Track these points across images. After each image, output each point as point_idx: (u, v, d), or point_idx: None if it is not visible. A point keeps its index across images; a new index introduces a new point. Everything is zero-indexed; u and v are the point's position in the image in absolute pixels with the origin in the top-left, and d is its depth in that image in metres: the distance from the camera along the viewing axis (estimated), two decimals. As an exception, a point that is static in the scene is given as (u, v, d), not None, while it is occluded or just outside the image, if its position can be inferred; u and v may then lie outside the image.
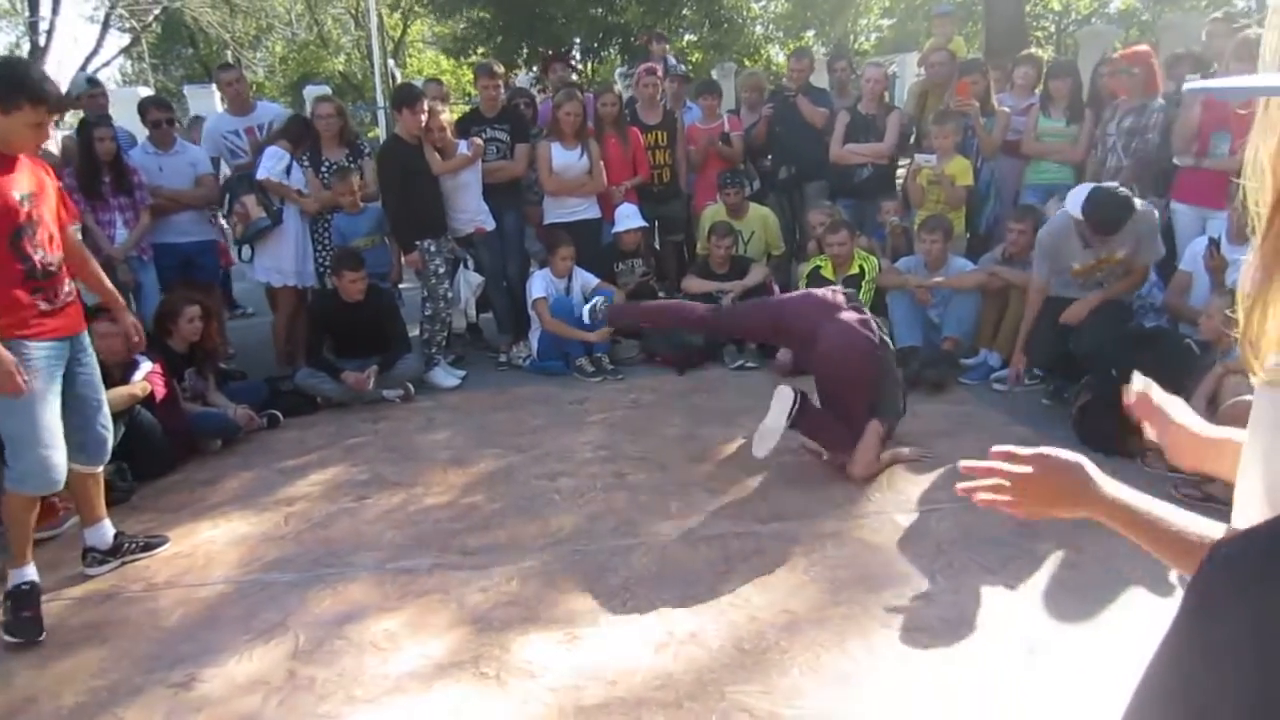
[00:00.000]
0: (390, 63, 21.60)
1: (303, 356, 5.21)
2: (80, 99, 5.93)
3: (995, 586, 2.79)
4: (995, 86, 5.84)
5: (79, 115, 6.05)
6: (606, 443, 4.22)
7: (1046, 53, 16.35)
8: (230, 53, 22.95)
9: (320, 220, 5.45)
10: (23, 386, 2.63)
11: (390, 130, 6.05)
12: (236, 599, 2.93)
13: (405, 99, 5.30)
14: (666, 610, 2.72)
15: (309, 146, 5.48)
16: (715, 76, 13.05)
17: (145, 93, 11.85)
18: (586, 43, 18.23)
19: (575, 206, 5.77)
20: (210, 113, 8.24)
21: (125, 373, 3.94)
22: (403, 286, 6.14)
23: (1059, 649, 2.44)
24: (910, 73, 12.81)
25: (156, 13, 23.65)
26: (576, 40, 18.20)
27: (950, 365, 4.96)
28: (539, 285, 5.41)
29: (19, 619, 2.73)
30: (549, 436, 4.34)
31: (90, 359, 3.01)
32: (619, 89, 6.43)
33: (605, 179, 5.78)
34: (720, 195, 5.90)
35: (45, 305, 2.78)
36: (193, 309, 4.44)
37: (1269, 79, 0.72)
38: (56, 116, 2.79)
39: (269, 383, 5.12)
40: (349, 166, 5.41)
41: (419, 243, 5.25)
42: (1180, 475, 3.09)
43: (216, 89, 9.54)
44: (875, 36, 22.44)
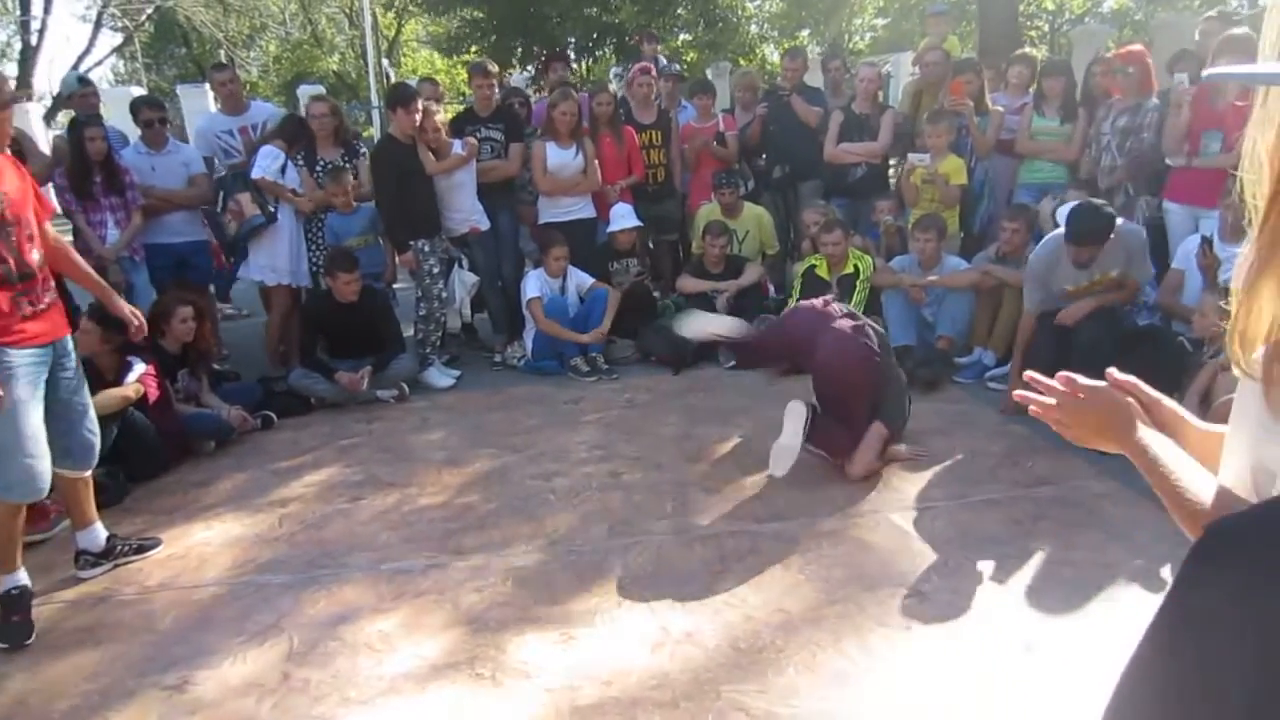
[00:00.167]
0: (384, 62, 21.57)
1: (296, 357, 5.20)
2: (72, 98, 5.91)
3: (991, 585, 2.79)
4: (989, 86, 5.84)
5: (70, 115, 6.03)
6: (602, 442, 4.22)
7: (1040, 52, 16.38)
8: (224, 52, 22.91)
9: (314, 220, 5.43)
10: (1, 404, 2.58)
11: (385, 130, 6.03)
12: (230, 601, 2.92)
13: (399, 99, 5.29)
14: (662, 610, 2.72)
15: (304, 146, 5.46)
16: (710, 76, 13.07)
17: (138, 92, 11.81)
18: (581, 42, 18.22)
19: (570, 206, 5.76)
20: (203, 112, 8.22)
21: (119, 374, 3.93)
22: (397, 286, 6.12)
23: (1055, 646, 2.44)
24: (904, 72, 12.82)
25: (149, 12, 23.60)
26: (571, 40, 18.19)
27: (944, 364, 4.96)
28: (533, 285, 5.41)
29: (9, 623, 2.73)
30: (544, 436, 4.34)
31: (74, 363, 2.95)
32: (614, 88, 6.42)
33: (600, 178, 5.78)
34: (715, 195, 5.90)
35: (29, 308, 2.72)
36: (185, 309, 4.43)
37: None
38: (6, 113, 2.70)
39: (262, 383, 5.11)
40: (342, 166, 5.39)
41: (413, 243, 5.23)
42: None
43: (210, 89, 9.54)
44: (870, 36, 22.47)
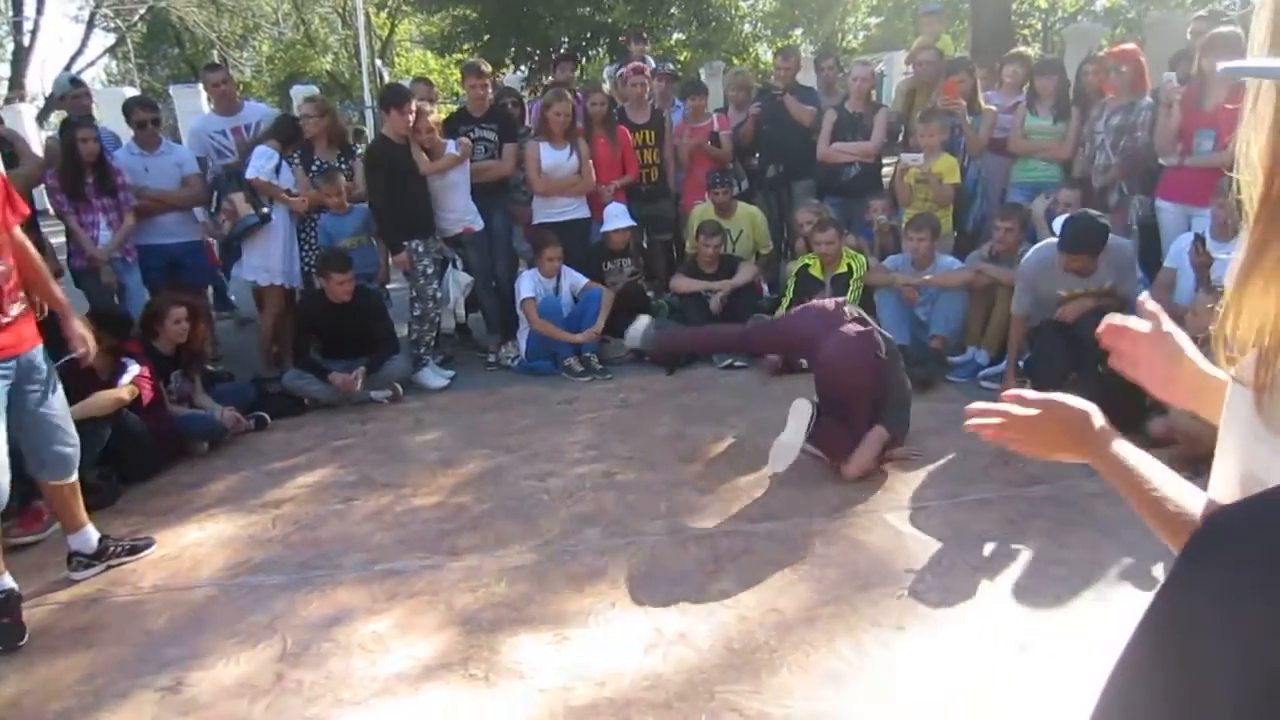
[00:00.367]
0: (378, 62, 21.53)
1: (290, 358, 5.19)
2: (64, 99, 5.89)
3: (984, 584, 2.80)
4: (982, 85, 5.86)
5: (63, 115, 6.01)
6: (595, 442, 4.22)
7: (1033, 51, 16.41)
8: (216, 52, 22.87)
9: (307, 220, 5.42)
10: None
11: (378, 130, 6.03)
12: (223, 602, 2.91)
13: (393, 99, 5.28)
14: (656, 610, 2.72)
15: (300, 146, 5.45)
16: (703, 75, 13.10)
17: (131, 93, 11.79)
18: (574, 42, 18.22)
19: (564, 206, 5.76)
20: (196, 113, 8.20)
21: (112, 375, 3.92)
22: (391, 287, 6.12)
23: (1048, 645, 2.45)
24: (897, 71, 12.88)
25: (142, 12, 23.54)
26: (564, 39, 18.19)
27: (938, 363, 4.97)
28: (527, 285, 5.40)
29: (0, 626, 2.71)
30: (538, 436, 4.33)
31: (43, 375, 2.82)
32: (607, 88, 6.41)
33: (594, 179, 5.78)
34: (709, 194, 5.90)
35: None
36: (179, 310, 4.41)
37: None
38: None
39: (256, 384, 5.10)
40: (335, 167, 5.38)
41: (407, 243, 5.23)
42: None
43: (203, 89, 9.52)
44: (863, 35, 22.52)
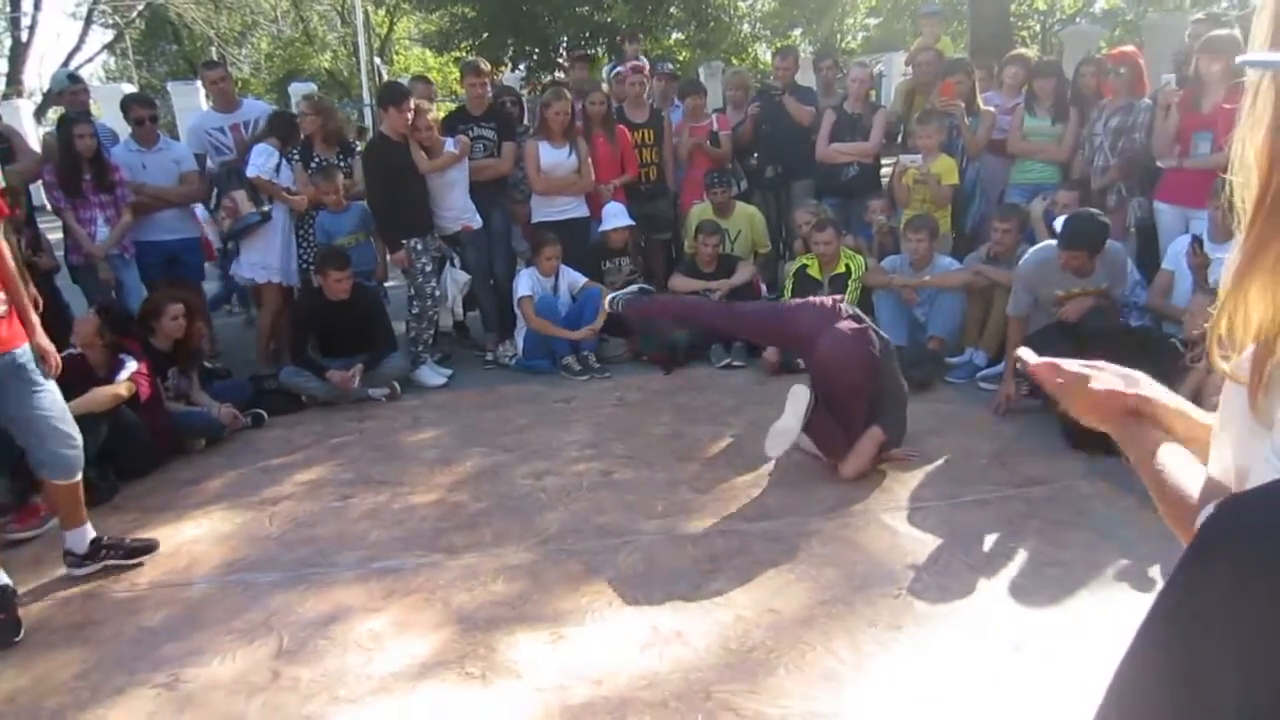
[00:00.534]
0: (376, 60, 21.52)
1: (288, 355, 5.18)
2: (62, 95, 5.88)
3: (981, 584, 2.80)
4: (981, 86, 5.86)
5: (60, 112, 6.00)
6: (593, 441, 4.22)
7: (1032, 52, 16.44)
8: (215, 49, 22.83)
9: (305, 218, 5.42)
10: None
11: (376, 128, 6.02)
12: (220, 599, 2.91)
13: (391, 97, 5.27)
14: (652, 609, 2.72)
15: (299, 143, 5.45)
16: (702, 75, 13.10)
17: (129, 89, 11.78)
18: (573, 41, 18.21)
19: (564, 205, 5.76)
20: (194, 110, 8.18)
21: (110, 371, 3.92)
22: (389, 284, 6.11)
23: (1044, 646, 2.45)
24: (896, 72, 12.89)
25: (140, 8, 23.50)
26: (563, 38, 18.18)
27: (936, 364, 4.97)
28: (525, 284, 5.40)
29: None
30: (535, 435, 4.33)
31: (29, 374, 2.76)
32: (606, 87, 6.41)
33: (594, 178, 5.77)
34: (707, 194, 5.90)
35: None
36: (176, 307, 4.41)
37: None
38: None
39: (253, 381, 5.09)
40: (334, 164, 5.38)
41: (405, 241, 5.22)
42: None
43: (201, 86, 9.51)
44: (862, 35, 22.53)
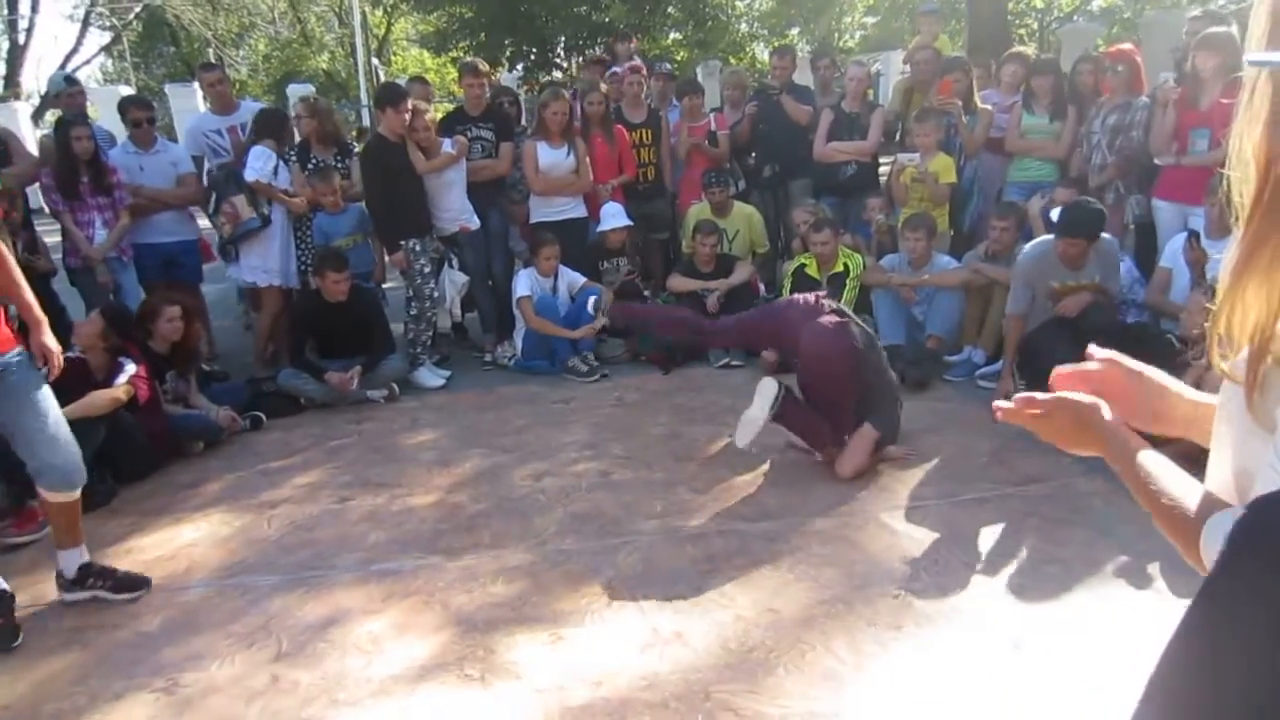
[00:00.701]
0: (374, 61, 21.51)
1: (286, 357, 5.18)
2: (59, 98, 5.88)
3: (980, 583, 2.80)
4: (979, 84, 5.86)
5: (57, 114, 5.99)
6: (592, 442, 4.21)
7: (1030, 50, 16.44)
8: (212, 51, 22.83)
9: (302, 220, 5.42)
10: None
11: (374, 129, 6.03)
12: (218, 602, 2.90)
13: (389, 98, 5.27)
14: (652, 610, 2.72)
15: (292, 139, 5.45)
16: (700, 75, 13.09)
17: (126, 91, 11.78)
18: (570, 41, 18.20)
19: (562, 206, 5.75)
20: (192, 112, 8.17)
21: (109, 374, 3.91)
22: (387, 286, 6.11)
23: (1043, 644, 2.45)
24: (894, 70, 12.89)
25: (137, 10, 23.50)
26: (561, 38, 18.17)
27: (934, 363, 4.97)
28: (523, 284, 5.40)
29: None
30: (534, 436, 4.33)
31: (19, 380, 2.65)
32: (604, 88, 6.41)
33: (592, 178, 5.77)
34: (705, 194, 5.89)
35: None
36: (172, 309, 4.39)
37: None
38: None
39: (251, 384, 5.09)
40: (331, 166, 5.37)
41: (404, 242, 5.22)
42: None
43: (199, 88, 9.50)
44: (859, 34, 22.51)
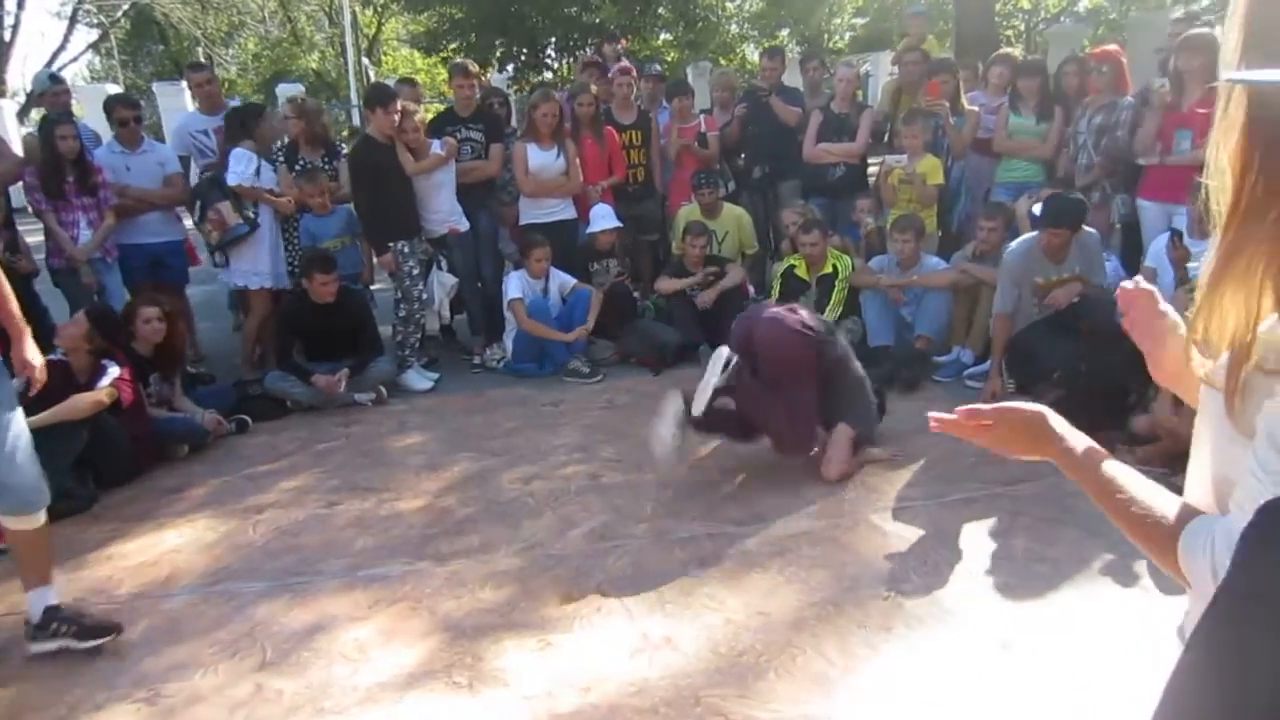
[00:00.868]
0: (365, 61, 21.44)
1: (273, 360, 5.14)
2: (44, 96, 5.82)
3: (969, 583, 2.80)
4: (966, 85, 5.87)
5: (42, 113, 5.94)
6: (581, 445, 4.19)
7: (1016, 51, 16.52)
8: (201, 50, 22.71)
9: (290, 221, 5.38)
10: None
11: (362, 129, 5.99)
12: (202, 610, 2.87)
13: (378, 99, 5.24)
14: (641, 615, 2.70)
15: (284, 144, 5.41)
16: (690, 76, 13.09)
17: (113, 90, 11.68)
18: (561, 42, 18.19)
19: (552, 207, 5.73)
20: (180, 111, 8.11)
21: (92, 377, 3.87)
22: (375, 288, 6.07)
23: (1032, 644, 2.45)
24: (883, 71, 12.92)
25: (125, 8, 23.35)
26: (551, 39, 18.16)
27: (923, 364, 4.97)
28: (515, 286, 5.37)
29: None
30: (523, 439, 4.31)
31: None
32: (594, 89, 6.40)
33: (582, 180, 5.75)
34: (695, 195, 5.89)
35: None
36: (149, 310, 4.33)
37: None
38: None
39: (238, 387, 5.05)
40: (318, 167, 5.34)
41: (392, 244, 5.18)
42: (1151, 469, 3.10)
43: (187, 87, 9.44)
44: (848, 35, 22.57)
